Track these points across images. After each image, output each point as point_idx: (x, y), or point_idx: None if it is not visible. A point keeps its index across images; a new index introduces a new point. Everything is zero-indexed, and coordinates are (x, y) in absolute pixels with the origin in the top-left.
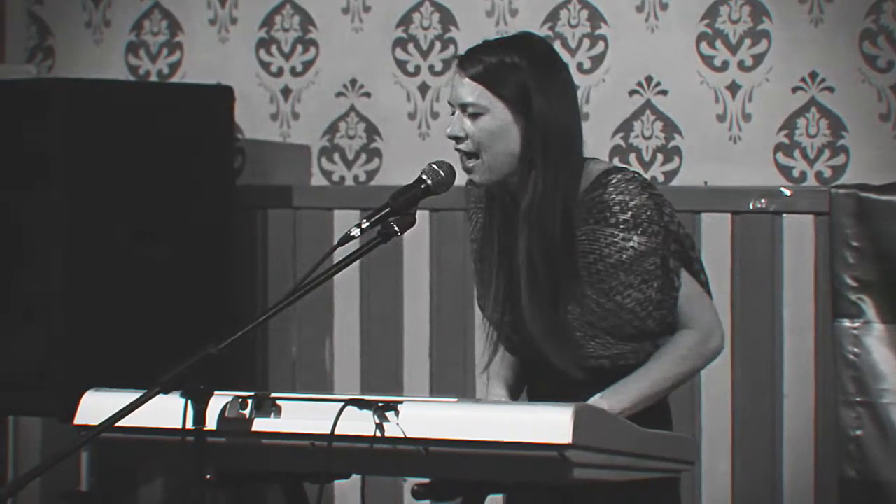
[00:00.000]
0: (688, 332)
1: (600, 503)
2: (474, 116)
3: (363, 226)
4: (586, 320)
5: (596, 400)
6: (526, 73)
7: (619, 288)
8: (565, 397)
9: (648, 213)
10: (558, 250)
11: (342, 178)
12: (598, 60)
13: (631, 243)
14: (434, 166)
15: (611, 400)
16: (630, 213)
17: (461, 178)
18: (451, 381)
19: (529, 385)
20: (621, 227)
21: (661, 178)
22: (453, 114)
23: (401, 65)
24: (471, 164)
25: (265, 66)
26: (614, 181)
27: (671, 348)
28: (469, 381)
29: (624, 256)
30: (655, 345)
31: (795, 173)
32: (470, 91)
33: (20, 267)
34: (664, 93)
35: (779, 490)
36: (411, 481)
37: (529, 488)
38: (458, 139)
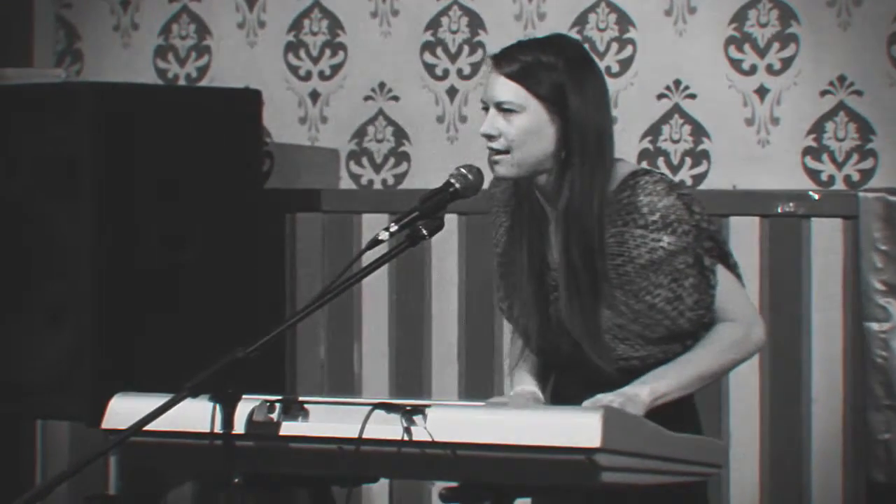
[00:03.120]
0: (729, 325)
1: None
2: (509, 115)
3: (391, 229)
4: (616, 322)
5: (636, 385)
6: (562, 73)
7: (650, 288)
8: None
9: (678, 212)
10: (596, 250)
11: (370, 182)
12: (626, 64)
13: (661, 244)
14: (462, 170)
15: (652, 384)
16: (658, 213)
17: (489, 181)
18: (480, 385)
19: (553, 388)
20: (651, 227)
21: (689, 182)
22: (486, 111)
23: (429, 68)
24: (498, 158)
25: (293, 69)
26: (642, 182)
27: (713, 339)
28: (498, 384)
29: (654, 257)
30: (685, 346)
31: (824, 177)
32: (506, 90)
33: (48, 271)
34: (692, 96)
35: (807, 494)
36: (439, 485)
37: (556, 492)
38: (491, 137)
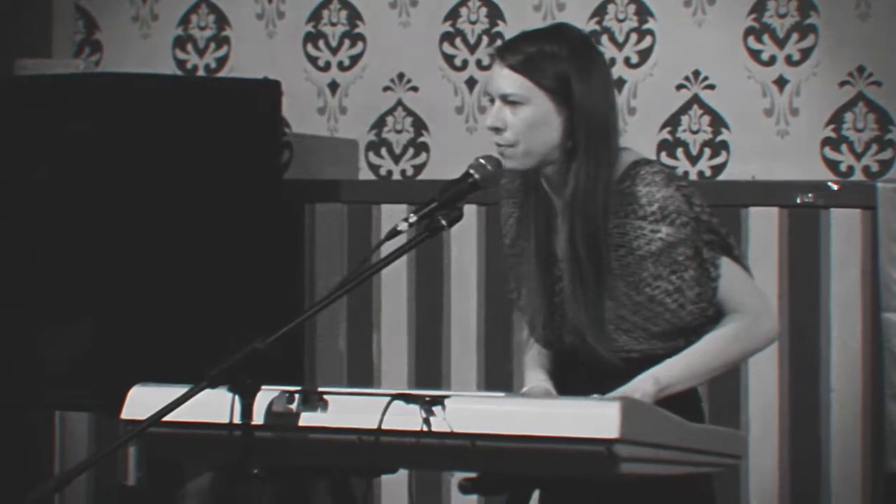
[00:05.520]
0: (737, 316)
1: (632, 497)
2: (515, 107)
3: (410, 220)
4: (618, 313)
5: (642, 378)
6: (566, 63)
7: (649, 279)
8: (598, 390)
9: (676, 204)
10: (600, 240)
11: (389, 173)
12: (645, 55)
13: (659, 234)
14: (482, 161)
15: (659, 375)
16: (657, 204)
17: None
18: (499, 376)
19: (560, 378)
20: (649, 218)
21: (708, 173)
22: (492, 102)
23: (448, 59)
24: (505, 151)
25: (312, 60)
26: (641, 173)
27: (720, 330)
28: (517, 374)
29: (653, 248)
30: (689, 342)
31: (842, 168)
32: (510, 81)
33: (68, 262)
34: (711, 87)
35: (826, 484)
36: (458, 476)
37: (572, 483)
38: (498, 130)
